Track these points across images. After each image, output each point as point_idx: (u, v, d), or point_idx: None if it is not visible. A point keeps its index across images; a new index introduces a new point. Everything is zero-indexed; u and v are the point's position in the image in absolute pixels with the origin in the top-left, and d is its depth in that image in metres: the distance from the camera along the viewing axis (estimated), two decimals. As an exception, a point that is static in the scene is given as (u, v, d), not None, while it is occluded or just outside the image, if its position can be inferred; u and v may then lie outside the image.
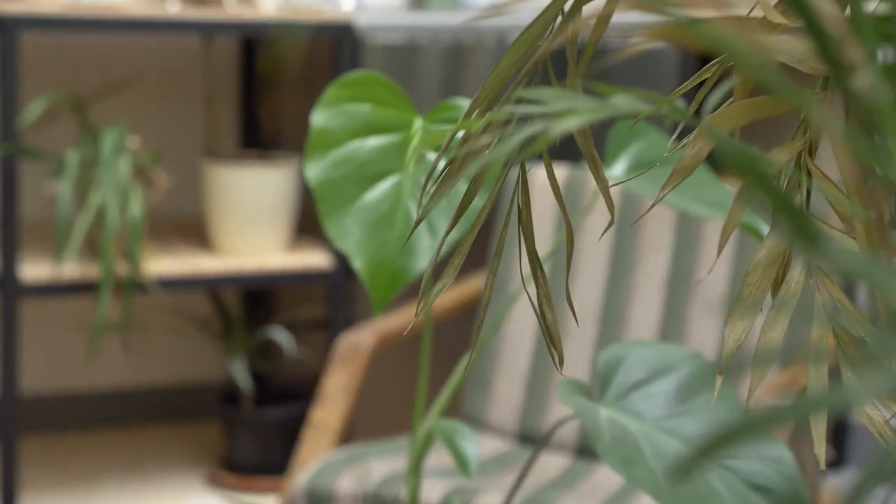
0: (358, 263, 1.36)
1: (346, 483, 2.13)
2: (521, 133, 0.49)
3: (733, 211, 0.72)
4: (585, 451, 2.42)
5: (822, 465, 0.69)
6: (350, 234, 1.37)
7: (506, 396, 2.49)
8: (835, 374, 2.60)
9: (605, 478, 2.29)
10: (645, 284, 2.46)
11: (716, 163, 3.41)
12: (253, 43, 3.45)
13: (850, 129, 0.43)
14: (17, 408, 2.76)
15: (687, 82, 0.75)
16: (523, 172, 0.72)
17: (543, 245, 2.53)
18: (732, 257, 2.42)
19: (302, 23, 2.91)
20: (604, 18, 0.64)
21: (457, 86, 3.04)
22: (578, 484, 2.26)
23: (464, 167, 0.69)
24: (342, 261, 2.98)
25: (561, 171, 2.57)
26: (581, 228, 2.52)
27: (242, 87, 3.48)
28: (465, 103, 1.41)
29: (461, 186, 1.41)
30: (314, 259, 2.98)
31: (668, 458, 1.19)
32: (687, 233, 2.46)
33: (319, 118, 1.39)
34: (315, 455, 2.19)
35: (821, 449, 0.68)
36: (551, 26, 0.70)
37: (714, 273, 2.42)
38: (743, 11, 0.64)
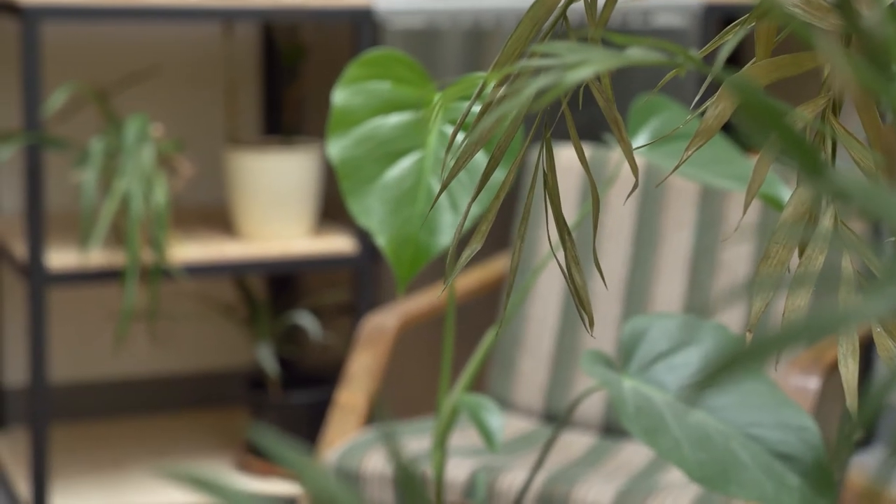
0: (381, 240, 1.37)
1: (373, 462, 2.15)
2: (534, 83, 0.50)
3: (758, 169, 0.72)
4: (611, 428, 2.43)
5: (853, 409, 0.69)
6: (373, 212, 1.38)
7: (531, 376, 2.49)
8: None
9: (631, 455, 2.30)
10: (669, 260, 2.46)
11: (740, 140, 3.41)
12: (273, 29, 3.46)
13: (862, 65, 0.43)
14: (47, 396, 2.78)
15: (710, 43, 0.75)
16: (547, 138, 0.73)
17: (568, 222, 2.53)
18: (755, 236, 2.42)
19: (322, 8, 2.91)
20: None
21: (477, 69, 3.04)
22: (604, 461, 2.26)
23: (482, 130, 0.70)
24: (366, 245, 2.99)
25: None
26: (604, 205, 2.53)
27: (264, 73, 3.49)
28: (484, 76, 1.42)
29: (481, 160, 1.42)
30: (338, 244, 2.99)
31: (692, 427, 1.20)
32: (710, 209, 2.46)
33: (340, 96, 1.40)
34: (342, 436, 2.20)
35: (853, 402, 0.68)
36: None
37: (737, 251, 2.42)
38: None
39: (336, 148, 1.39)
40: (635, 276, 2.47)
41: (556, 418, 2.47)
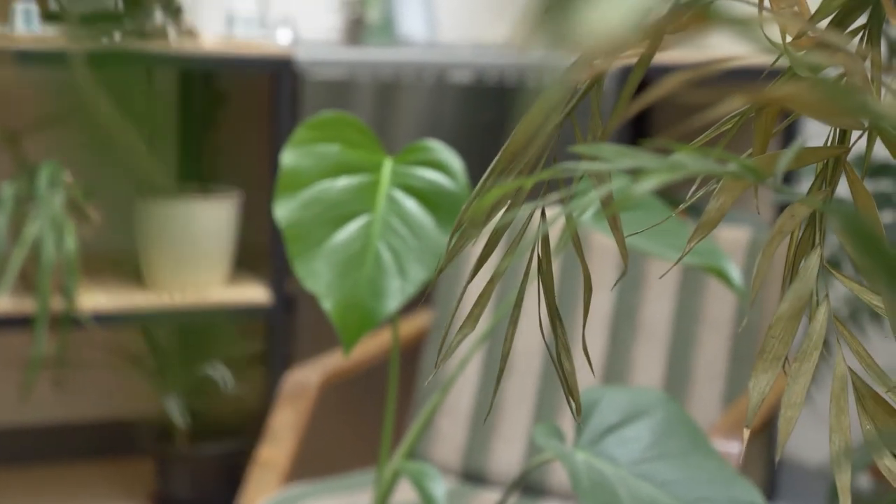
0: (328, 305, 1.35)
1: (294, 523, 2.11)
2: (593, 193, 0.49)
3: (761, 265, 0.72)
4: (530, 487, 2.42)
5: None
6: (320, 276, 1.36)
7: (450, 436, 2.48)
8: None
9: (552, 516, 2.29)
10: (590, 321, 2.47)
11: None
12: (191, 76, 3.43)
13: None
14: (-50, 445, 2.71)
15: (705, 134, 0.75)
16: (545, 226, 0.72)
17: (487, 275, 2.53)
18: (675, 295, 2.44)
19: (241, 57, 2.89)
20: (644, 60, 0.64)
21: (396, 121, 3.04)
22: (525, 522, 2.25)
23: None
24: (280, 295, 2.96)
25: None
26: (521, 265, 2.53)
27: (180, 120, 3.45)
28: (433, 145, 1.41)
29: (429, 224, 1.41)
30: (252, 294, 2.96)
31: (644, 502, 1.19)
32: (631, 271, 2.48)
33: (289, 158, 1.38)
34: (262, 493, 2.17)
35: (846, 502, 0.68)
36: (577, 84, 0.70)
37: (658, 311, 2.44)
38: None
39: (284, 210, 1.37)
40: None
41: (475, 478, 2.45)
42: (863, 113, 0.41)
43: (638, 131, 3.77)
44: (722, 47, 3.48)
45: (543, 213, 0.73)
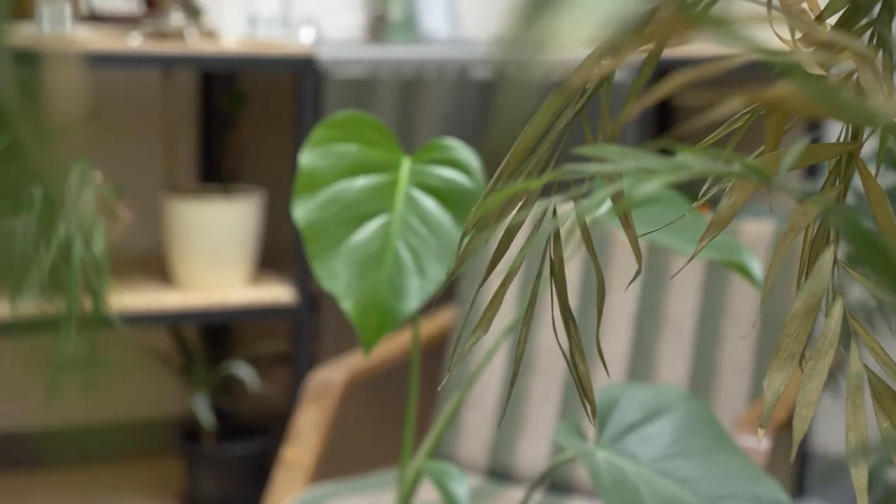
0: (347, 305, 1.35)
1: (320, 522, 2.12)
2: (600, 193, 0.49)
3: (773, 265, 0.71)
4: (556, 485, 2.41)
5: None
6: (339, 276, 1.36)
7: (476, 431, 2.48)
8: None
9: (578, 513, 2.29)
10: (614, 318, 2.46)
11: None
12: (212, 76, 3.43)
13: None
14: (-22, 447, 2.72)
15: (716, 133, 0.75)
16: (557, 228, 0.72)
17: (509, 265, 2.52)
18: (699, 291, 2.43)
19: (264, 57, 2.90)
20: (651, 58, 0.63)
21: (417, 118, 3.03)
22: (551, 519, 2.25)
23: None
24: (305, 294, 2.96)
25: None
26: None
27: (203, 121, 3.46)
28: (451, 143, 1.41)
29: (448, 223, 1.41)
30: (277, 293, 2.97)
31: (666, 500, 1.19)
32: (656, 267, 2.47)
33: (307, 159, 1.38)
34: (288, 493, 2.17)
35: (863, 500, 0.68)
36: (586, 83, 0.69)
37: (682, 307, 2.43)
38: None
39: (302, 211, 1.37)
40: (581, 332, 2.47)
41: (501, 475, 2.45)
42: (857, 113, 0.40)
43: (661, 128, 3.76)
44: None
45: (555, 212, 0.72)
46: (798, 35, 0.58)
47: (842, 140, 0.70)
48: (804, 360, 0.79)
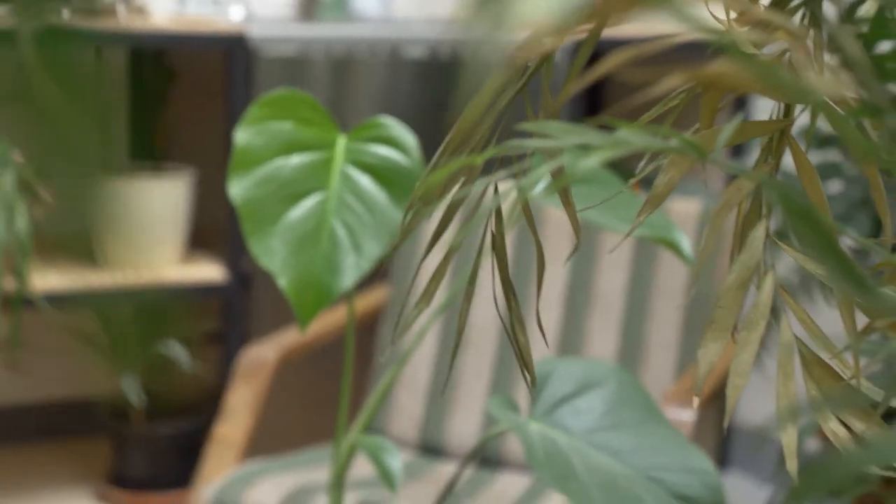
0: (283, 282, 1.36)
1: (254, 496, 2.13)
2: (541, 169, 0.50)
3: (708, 240, 0.73)
4: (486, 459, 2.44)
5: (795, 477, 0.71)
6: (275, 253, 1.37)
7: (407, 408, 2.50)
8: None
9: (507, 486, 2.31)
10: (545, 294, 2.49)
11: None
12: (141, 54, 3.41)
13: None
14: None
15: (653, 110, 0.77)
16: (499, 203, 0.74)
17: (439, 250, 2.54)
18: (629, 267, 2.46)
19: (194, 34, 2.89)
20: (591, 37, 0.65)
21: (348, 98, 3.04)
22: (481, 492, 2.27)
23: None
24: (237, 273, 2.96)
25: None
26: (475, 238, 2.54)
27: (132, 98, 3.44)
28: (387, 121, 1.42)
29: (383, 200, 1.42)
30: (208, 272, 2.96)
31: (599, 471, 1.21)
32: (586, 244, 2.50)
33: (242, 136, 1.39)
34: (219, 471, 2.18)
35: (792, 463, 0.70)
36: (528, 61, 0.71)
37: (612, 282, 2.46)
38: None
39: (238, 188, 1.38)
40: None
41: (432, 450, 2.47)
42: (793, 90, 0.42)
43: (591, 107, 3.79)
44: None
45: (496, 189, 0.74)
46: (733, 15, 0.60)
47: (774, 118, 0.72)
48: (736, 331, 0.81)
